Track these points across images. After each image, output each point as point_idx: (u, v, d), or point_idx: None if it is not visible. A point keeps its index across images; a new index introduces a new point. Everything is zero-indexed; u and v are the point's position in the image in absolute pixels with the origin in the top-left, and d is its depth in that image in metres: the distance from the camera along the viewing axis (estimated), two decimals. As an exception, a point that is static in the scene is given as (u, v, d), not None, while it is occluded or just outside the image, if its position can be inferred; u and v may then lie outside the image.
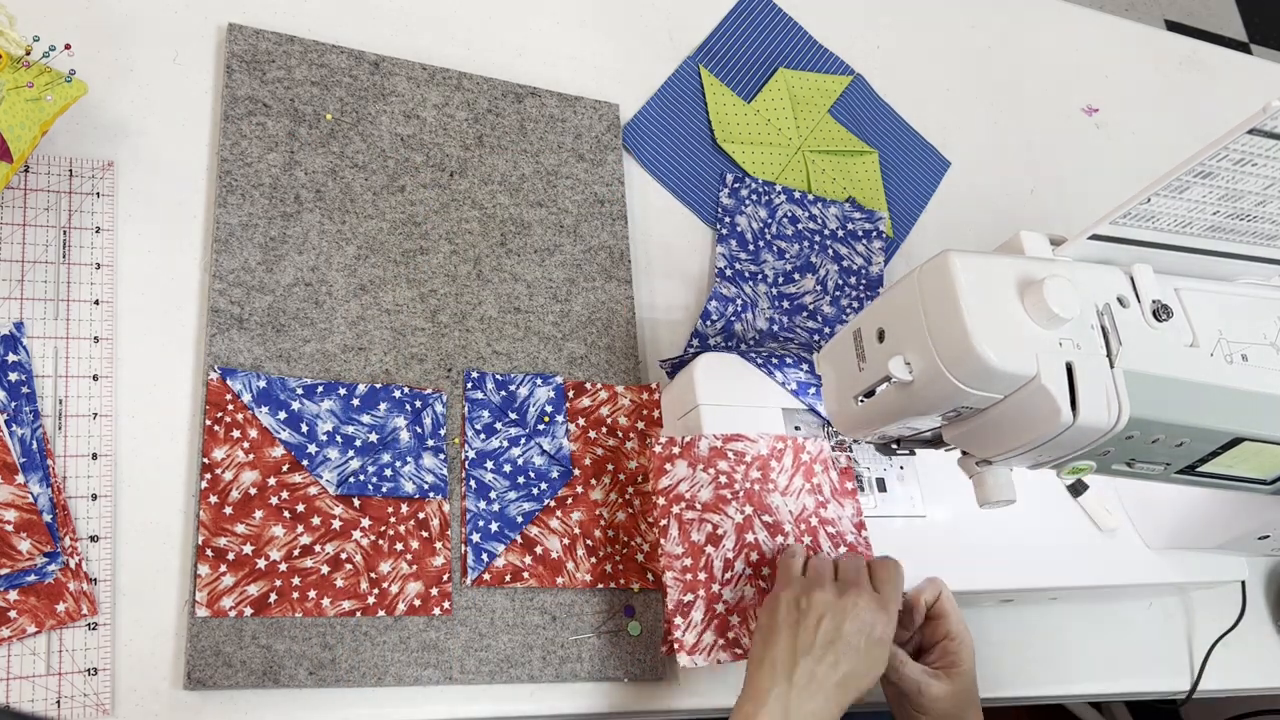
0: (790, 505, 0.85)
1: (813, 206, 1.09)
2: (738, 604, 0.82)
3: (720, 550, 0.82)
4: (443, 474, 0.84)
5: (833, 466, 0.88)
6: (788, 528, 0.84)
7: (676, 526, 0.82)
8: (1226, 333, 0.78)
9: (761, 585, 0.82)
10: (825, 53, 1.21)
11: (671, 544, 0.82)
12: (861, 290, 1.07)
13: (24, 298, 0.78)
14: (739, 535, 0.83)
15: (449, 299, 0.91)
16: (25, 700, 0.69)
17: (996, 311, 0.71)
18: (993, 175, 1.25)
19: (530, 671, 0.82)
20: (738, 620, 0.81)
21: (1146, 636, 1.05)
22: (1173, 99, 1.43)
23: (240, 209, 0.86)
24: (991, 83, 1.31)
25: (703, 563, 0.82)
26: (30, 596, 0.71)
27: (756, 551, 0.83)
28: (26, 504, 0.72)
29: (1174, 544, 0.97)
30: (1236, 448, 0.78)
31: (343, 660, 0.77)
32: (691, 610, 0.80)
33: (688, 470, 0.84)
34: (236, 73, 0.89)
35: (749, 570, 0.82)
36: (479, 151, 0.97)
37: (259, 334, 0.83)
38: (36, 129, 0.77)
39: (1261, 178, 0.73)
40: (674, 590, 0.81)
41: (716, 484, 0.84)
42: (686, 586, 0.81)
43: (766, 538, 0.83)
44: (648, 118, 1.08)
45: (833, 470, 0.88)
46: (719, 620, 0.81)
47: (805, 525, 0.85)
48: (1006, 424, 0.74)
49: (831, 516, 0.86)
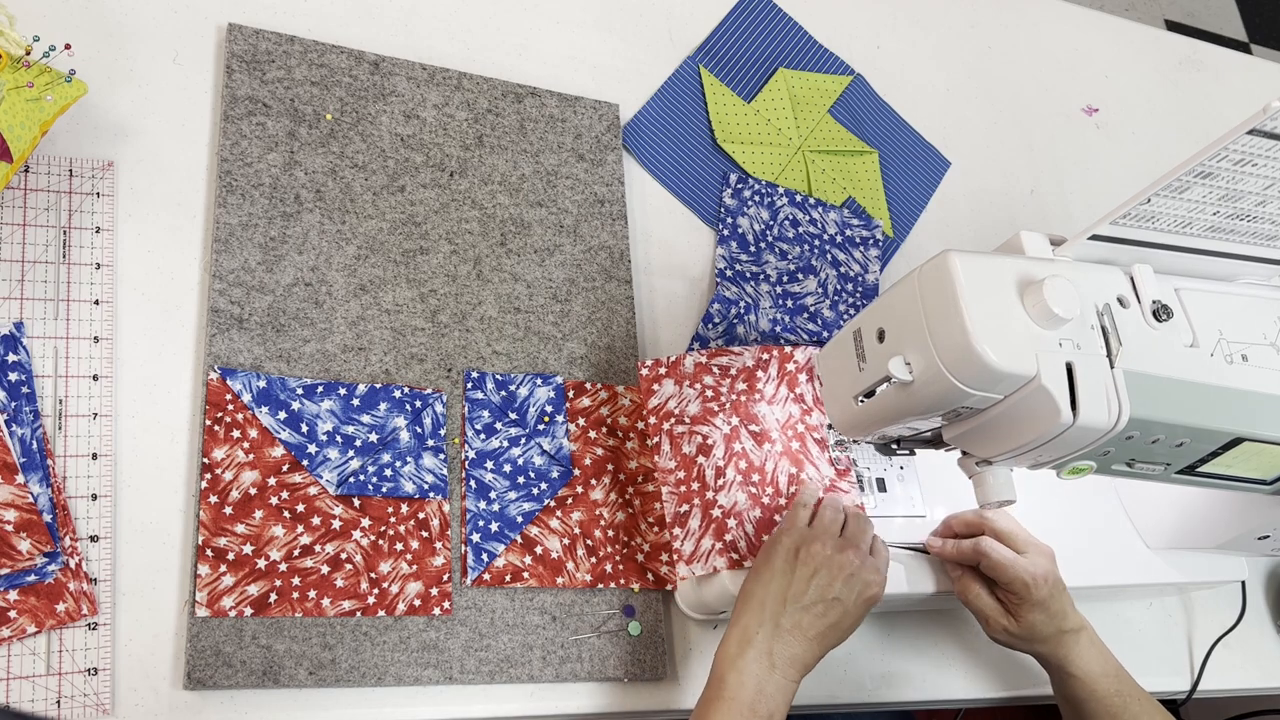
0: (776, 414, 0.89)
1: (813, 210, 1.09)
2: (732, 509, 0.84)
3: (711, 459, 0.85)
4: (442, 474, 0.84)
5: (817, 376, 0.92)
6: (774, 434, 0.87)
7: (668, 441, 0.86)
8: (1226, 333, 0.78)
9: (752, 491, 0.85)
10: (825, 53, 1.21)
11: (664, 459, 0.86)
12: (858, 297, 1.07)
13: (24, 298, 0.78)
14: (728, 445, 0.86)
15: (449, 299, 0.91)
16: (25, 700, 0.69)
17: (996, 312, 0.71)
18: (993, 175, 1.25)
19: (530, 671, 0.82)
20: (734, 524, 0.83)
21: (1146, 636, 1.05)
22: (1173, 99, 1.44)
23: (240, 209, 0.86)
24: (991, 83, 1.31)
25: (695, 473, 0.85)
26: (30, 596, 0.71)
27: (745, 459, 0.86)
28: (26, 504, 0.72)
29: (1174, 544, 0.97)
30: (1236, 448, 0.78)
31: (343, 660, 0.77)
32: (688, 519, 0.84)
33: (675, 388, 0.88)
34: (236, 73, 0.89)
35: (739, 477, 0.85)
36: (479, 151, 0.97)
37: (259, 334, 0.83)
38: (36, 129, 0.77)
39: (1261, 178, 0.73)
40: (670, 503, 0.85)
41: (703, 398, 0.87)
42: (681, 498, 0.85)
43: (754, 446, 0.86)
44: (648, 118, 1.08)
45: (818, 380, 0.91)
46: (716, 524, 0.83)
47: (793, 432, 0.89)
48: (1006, 424, 0.74)
49: (816, 424, 0.90)
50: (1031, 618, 0.85)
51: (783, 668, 0.75)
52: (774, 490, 0.86)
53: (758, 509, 0.85)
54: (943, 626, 0.97)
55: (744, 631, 0.76)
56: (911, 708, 0.96)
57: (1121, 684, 0.86)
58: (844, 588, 0.77)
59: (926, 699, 0.95)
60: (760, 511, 0.85)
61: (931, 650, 0.96)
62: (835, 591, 0.77)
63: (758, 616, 0.76)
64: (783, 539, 0.79)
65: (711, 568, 0.82)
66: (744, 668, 0.74)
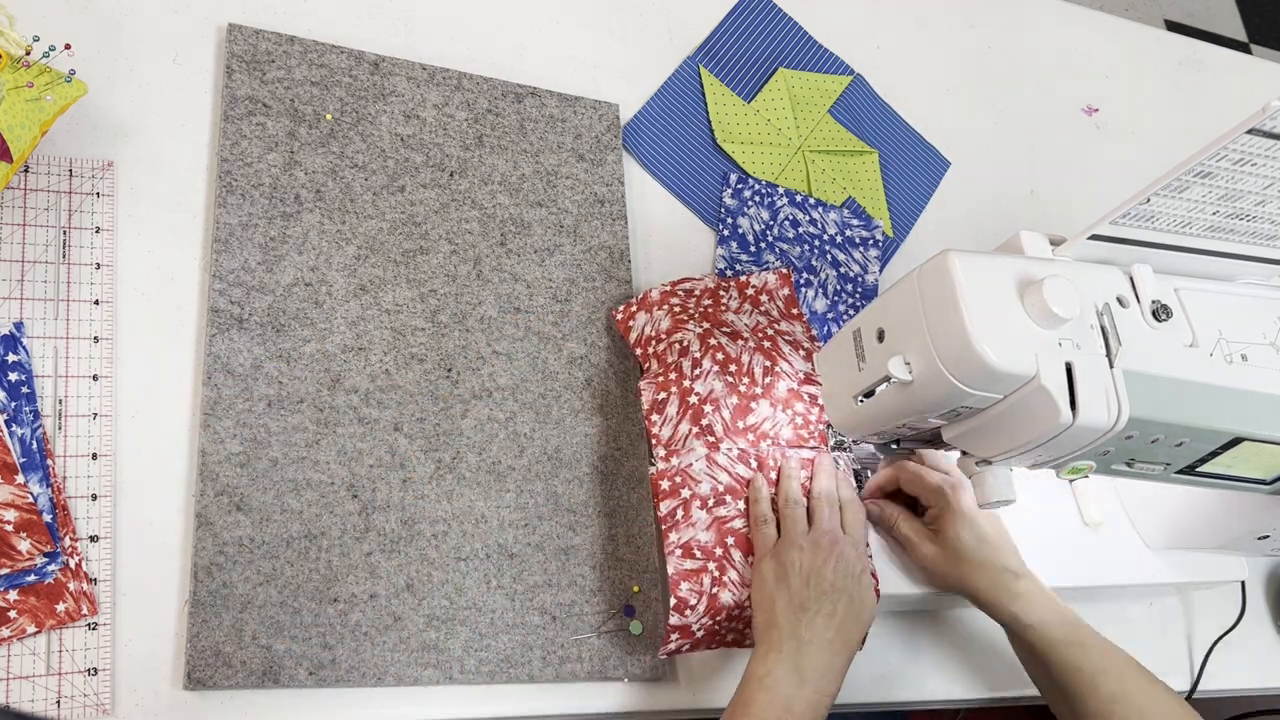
0: (745, 320, 0.93)
1: (813, 211, 1.09)
2: (709, 395, 0.87)
3: (688, 356, 0.89)
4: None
5: (777, 296, 0.96)
6: (745, 334, 0.90)
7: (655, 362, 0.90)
8: (1226, 333, 0.78)
9: (729, 380, 0.88)
10: (825, 53, 1.21)
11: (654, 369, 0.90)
12: (858, 298, 1.07)
13: (24, 298, 0.78)
14: (703, 340, 0.89)
15: (449, 299, 0.91)
16: (25, 700, 0.69)
17: (996, 311, 0.71)
18: (993, 175, 1.25)
19: (530, 671, 0.82)
20: (711, 409, 0.86)
21: (1146, 636, 1.05)
22: (1173, 99, 1.43)
23: (240, 209, 0.86)
24: (991, 83, 1.31)
25: (672, 368, 0.89)
26: (30, 596, 0.71)
27: (721, 352, 0.89)
28: (26, 504, 0.72)
29: (1174, 544, 0.97)
30: (1236, 448, 0.78)
31: (343, 660, 0.77)
32: (666, 406, 0.87)
33: (646, 317, 0.92)
34: (236, 73, 0.89)
35: (715, 367, 0.88)
36: (479, 151, 0.97)
37: (259, 334, 0.83)
38: (36, 129, 0.77)
39: (1261, 178, 0.73)
40: (648, 393, 0.89)
41: (673, 314, 0.92)
42: (659, 387, 0.88)
43: (728, 340, 0.90)
44: (648, 118, 1.08)
45: (778, 299, 0.96)
46: (693, 410, 0.86)
47: (763, 334, 0.92)
48: (1006, 424, 0.74)
49: (786, 329, 0.93)
50: (955, 531, 0.84)
51: (814, 681, 0.74)
52: (750, 380, 0.88)
53: (734, 396, 0.87)
54: (943, 626, 0.97)
55: (768, 649, 0.76)
56: (911, 708, 0.96)
57: (1080, 633, 0.83)
58: (836, 574, 0.78)
59: (926, 699, 0.95)
60: (737, 399, 0.87)
61: (931, 650, 0.96)
62: (831, 581, 0.78)
63: (778, 637, 0.76)
64: (764, 564, 0.81)
65: (688, 450, 0.85)
66: (772, 686, 0.74)
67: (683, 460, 0.86)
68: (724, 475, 0.86)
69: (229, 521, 0.77)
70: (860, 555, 0.82)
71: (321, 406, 0.83)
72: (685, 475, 0.85)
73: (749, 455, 0.87)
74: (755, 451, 0.87)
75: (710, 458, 0.85)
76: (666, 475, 0.86)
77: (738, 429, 0.87)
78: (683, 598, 0.81)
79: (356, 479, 0.82)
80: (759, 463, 0.87)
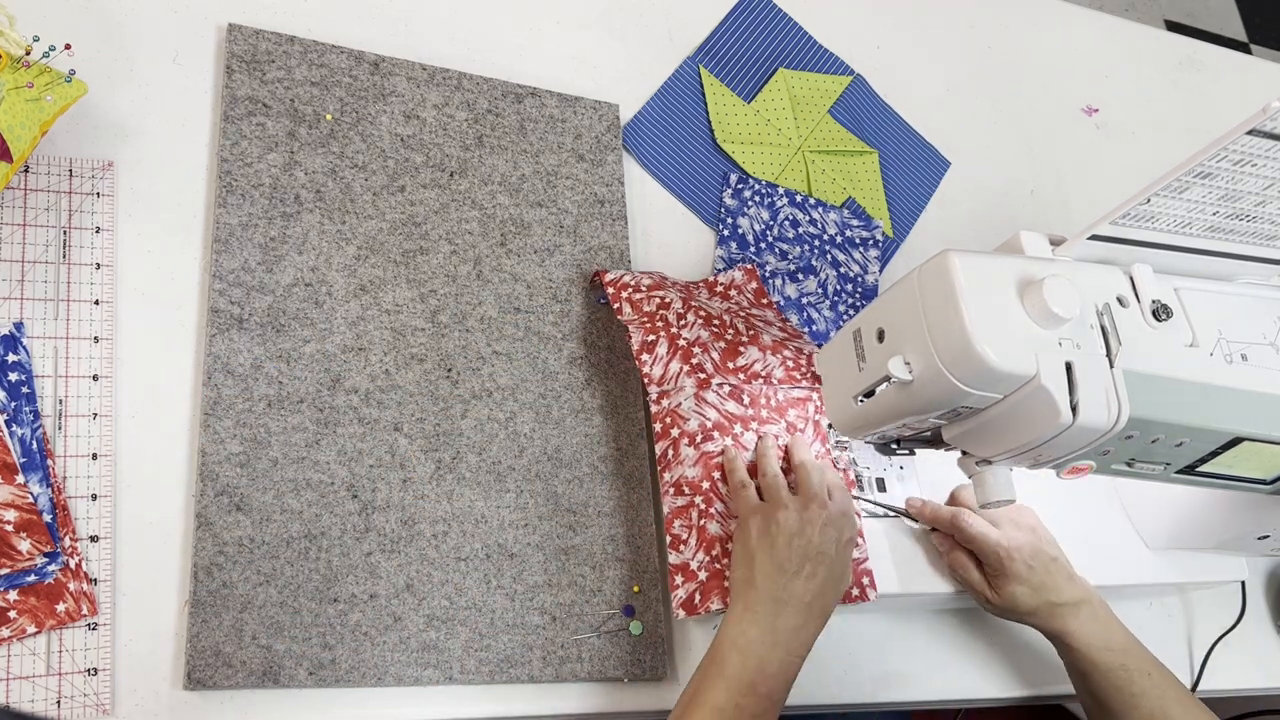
0: (718, 305, 0.94)
1: (813, 211, 1.09)
2: (696, 340, 0.89)
3: (672, 309, 0.90)
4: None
5: (745, 290, 0.98)
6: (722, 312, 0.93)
7: (629, 306, 0.91)
8: (1226, 333, 0.78)
9: (714, 330, 0.90)
10: (825, 53, 1.21)
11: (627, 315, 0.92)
12: (858, 298, 1.07)
13: (24, 298, 0.78)
14: (685, 300, 0.91)
15: (449, 299, 0.91)
16: (25, 700, 0.69)
17: (996, 311, 0.71)
18: (993, 175, 1.25)
19: (530, 671, 0.82)
20: (700, 351, 0.88)
21: (1146, 636, 1.05)
22: (1173, 99, 1.43)
23: (240, 209, 0.86)
24: (991, 83, 1.31)
25: (658, 316, 0.90)
26: (30, 596, 0.71)
27: (704, 311, 0.91)
28: (26, 504, 0.72)
29: (1174, 544, 0.97)
30: (1236, 448, 0.78)
31: (343, 660, 0.77)
32: (655, 347, 0.89)
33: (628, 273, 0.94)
34: (236, 73, 0.89)
35: (700, 320, 0.90)
36: (479, 152, 0.97)
37: (259, 334, 0.83)
38: (36, 129, 0.77)
39: (1261, 178, 0.73)
40: (637, 335, 0.90)
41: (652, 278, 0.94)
42: (648, 330, 0.90)
43: (709, 299, 0.94)
44: (648, 118, 1.08)
45: (747, 292, 0.98)
46: (682, 351, 0.88)
47: (739, 314, 0.94)
48: (1006, 424, 0.74)
49: (758, 314, 0.95)
50: (1010, 589, 0.86)
51: (786, 643, 0.75)
52: (735, 332, 0.91)
53: (721, 342, 0.89)
54: (942, 627, 0.97)
55: (744, 609, 0.77)
56: (911, 708, 0.96)
57: (1129, 657, 0.85)
58: (823, 538, 0.79)
59: (926, 699, 0.95)
60: (724, 344, 0.89)
61: (930, 650, 0.96)
62: (817, 545, 0.78)
63: (755, 596, 0.77)
64: (750, 520, 0.81)
65: (680, 387, 0.87)
66: (746, 646, 0.75)
67: (673, 401, 0.87)
68: (712, 412, 0.87)
69: (229, 521, 0.77)
70: (850, 523, 0.82)
71: (321, 406, 0.83)
72: (674, 415, 0.87)
73: (740, 391, 0.89)
74: (748, 389, 0.89)
75: (699, 395, 0.87)
76: (658, 418, 0.88)
77: (728, 368, 0.89)
78: (676, 534, 0.84)
79: (356, 479, 0.82)
80: (750, 400, 0.89)
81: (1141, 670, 0.85)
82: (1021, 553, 0.86)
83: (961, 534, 0.87)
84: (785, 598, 0.76)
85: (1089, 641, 0.85)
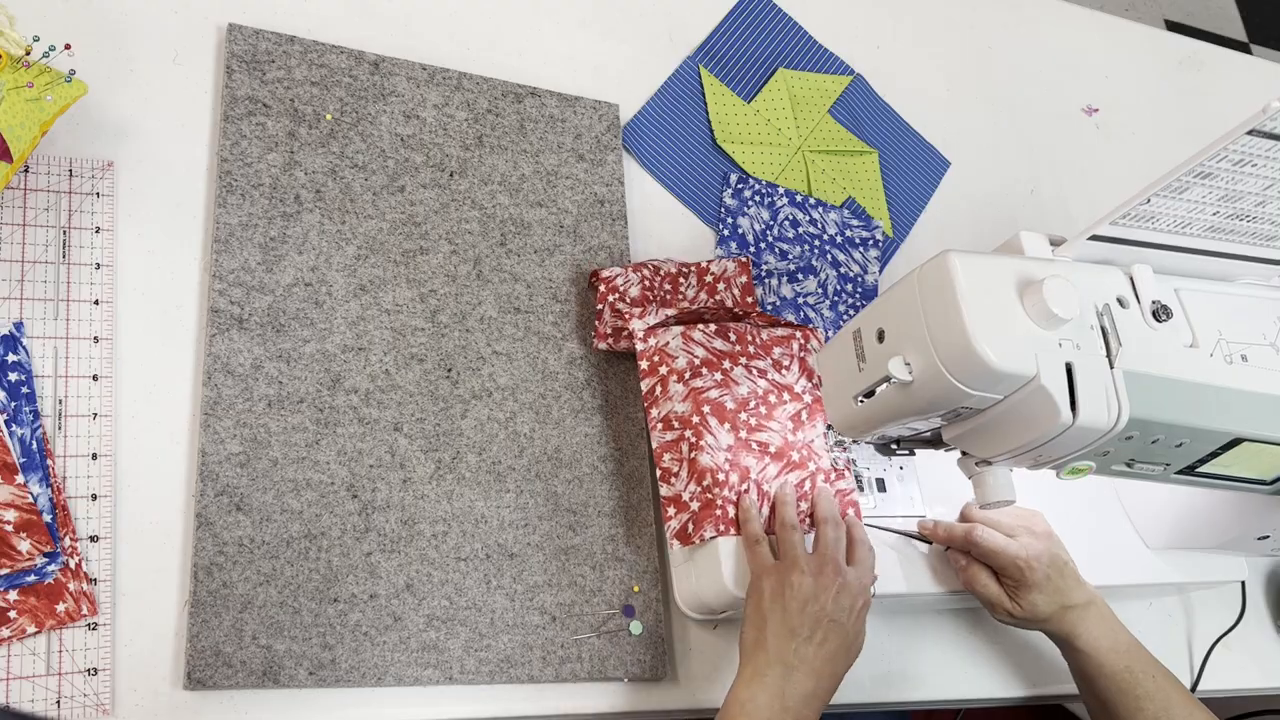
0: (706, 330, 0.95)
1: (813, 211, 1.09)
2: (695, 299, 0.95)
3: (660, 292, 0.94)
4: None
5: (734, 284, 0.99)
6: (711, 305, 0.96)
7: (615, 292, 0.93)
8: (1226, 333, 0.78)
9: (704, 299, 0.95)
10: (825, 53, 1.21)
11: None
12: (858, 298, 1.07)
13: (24, 298, 0.78)
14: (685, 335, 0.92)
15: (449, 299, 0.91)
16: (25, 700, 0.69)
17: (996, 312, 0.71)
18: (993, 175, 1.25)
19: (530, 671, 0.82)
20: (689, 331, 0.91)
21: (1146, 636, 1.05)
22: (1173, 99, 1.43)
23: (240, 209, 0.86)
24: (991, 83, 1.31)
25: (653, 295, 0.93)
26: (30, 596, 0.71)
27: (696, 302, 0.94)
28: (26, 504, 0.72)
29: (1174, 544, 0.97)
30: (1236, 448, 0.79)
31: (343, 660, 0.77)
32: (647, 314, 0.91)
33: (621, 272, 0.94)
34: (236, 73, 0.89)
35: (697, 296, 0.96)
36: (479, 151, 0.97)
37: (259, 334, 0.83)
38: (36, 129, 0.77)
39: (1261, 178, 0.73)
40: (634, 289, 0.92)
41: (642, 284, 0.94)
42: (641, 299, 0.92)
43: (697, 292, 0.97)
44: (648, 118, 1.08)
45: (735, 286, 0.99)
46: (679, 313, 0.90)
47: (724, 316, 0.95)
48: (1006, 424, 0.74)
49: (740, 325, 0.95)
50: (1031, 598, 0.86)
51: (795, 709, 0.74)
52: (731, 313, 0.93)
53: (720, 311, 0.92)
54: (942, 626, 0.97)
55: (754, 673, 0.75)
56: (910, 708, 0.96)
57: (1133, 660, 0.85)
58: (836, 606, 0.77)
59: (925, 699, 0.95)
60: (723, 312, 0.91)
61: (930, 650, 0.96)
62: (829, 613, 0.77)
63: (765, 660, 0.75)
64: (764, 582, 0.79)
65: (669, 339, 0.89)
66: (755, 712, 0.73)
67: (660, 340, 0.89)
68: (700, 350, 0.89)
69: (229, 521, 0.77)
70: (863, 590, 0.80)
71: (321, 406, 0.83)
72: (662, 354, 0.88)
73: (726, 330, 0.91)
74: (734, 327, 0.91)
75: (686, 334, 0.89)
76: (644, 355, 0.89)
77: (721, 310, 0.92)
78: (665, 467, 0.86)
79: (356, 479, 0.82)
80: (737, 337, 0.91)
81: (1146, 672, 0.85)
82: (1041, 561, 0.85)
83: (979, 549, 0.86)
84: (796, 663, 0.75)
85: (1097, 644, 0.86)
